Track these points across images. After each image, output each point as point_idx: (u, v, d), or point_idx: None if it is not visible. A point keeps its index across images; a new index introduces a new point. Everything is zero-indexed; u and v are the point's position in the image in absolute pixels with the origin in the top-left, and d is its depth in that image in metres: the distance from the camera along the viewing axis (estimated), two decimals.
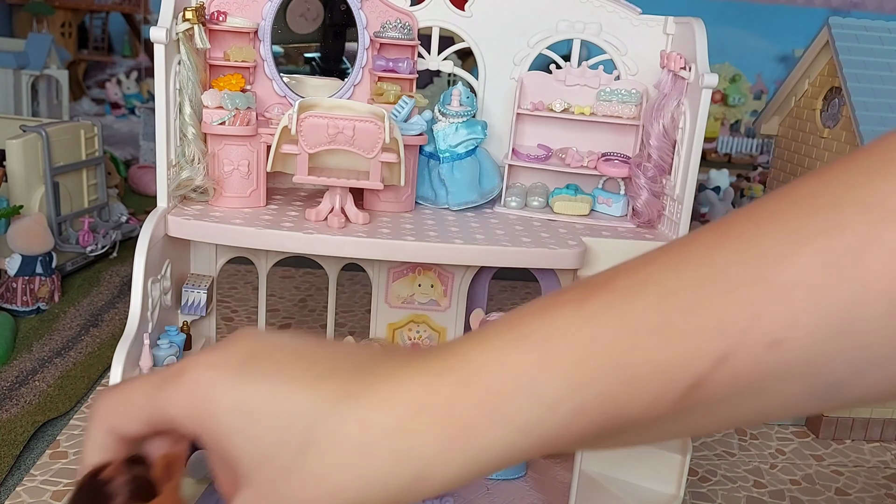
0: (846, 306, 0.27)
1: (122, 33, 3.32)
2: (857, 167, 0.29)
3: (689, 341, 0.28)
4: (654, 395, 0.29)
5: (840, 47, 1.07)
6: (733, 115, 3.39)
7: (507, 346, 0.30)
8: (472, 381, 0.29)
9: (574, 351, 0.29)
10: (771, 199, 0.30)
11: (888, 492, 0.98)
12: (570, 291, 0.31)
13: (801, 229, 0.28)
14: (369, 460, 0.29)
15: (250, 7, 0.80)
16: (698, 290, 0.29)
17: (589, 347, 0.29)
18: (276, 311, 1.39)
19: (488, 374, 0.29)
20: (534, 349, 0.29)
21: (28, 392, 1.01)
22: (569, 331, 0.29)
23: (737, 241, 0.29)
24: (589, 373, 0.29)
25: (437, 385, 0.29)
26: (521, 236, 0.77)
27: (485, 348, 0.30)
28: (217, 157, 0.77)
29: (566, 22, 0.85)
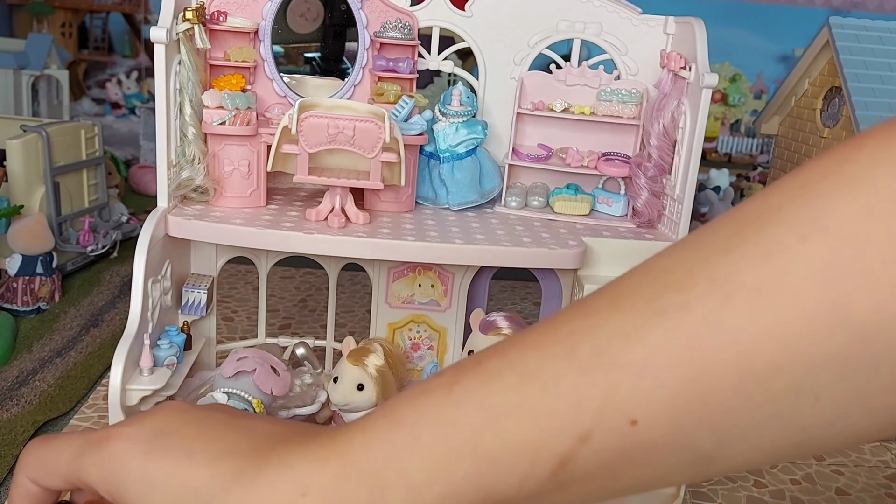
0: (696, 382, 0.27)
1: (123, 33, 3.32)
2: (709, 240, 0.29)
3: (548, 421, 0.29)
4: (522, 474, 0.30)
5: (840, 47, 1.07)
6: (733, 114, 3.39)
7: (384, 431, 0.31)
8: (351, 466, 0.31)
9: (439, 435, 0.30)
10: (633, 272, 0.32)
11: (888, 491, 0.98)
12: (444, 376, 0.32)
13: (651, 307, 0.28)
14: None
15: (250, 7, 0.80)
16: (556, 370, 0.29)
17: (452, 431, 0.30)
18: (276, 311, 1.39)
19: (366, 459, 0.31)
20: (406, 434, 0.31)
21: (28, 392, 1.01)
22: (435, 415, 0.31)
23: (594, 318, 0.30)
24: (454, 455, 0.30)
25: (320, 470, 0.31)
26: (521, 236, 0.77)
27: (365, 433, 0.31)
28: (217, 157, 0.77)
29: (566, 22, 0.85)
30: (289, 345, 0.91)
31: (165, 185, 0.75)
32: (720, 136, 3.23)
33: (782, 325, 0.26)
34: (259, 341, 0.92)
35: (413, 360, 0.92)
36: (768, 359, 0.27)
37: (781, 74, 3.31)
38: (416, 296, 0.90)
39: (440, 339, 0.91)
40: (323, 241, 0.72)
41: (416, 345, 0.91)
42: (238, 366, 0.75)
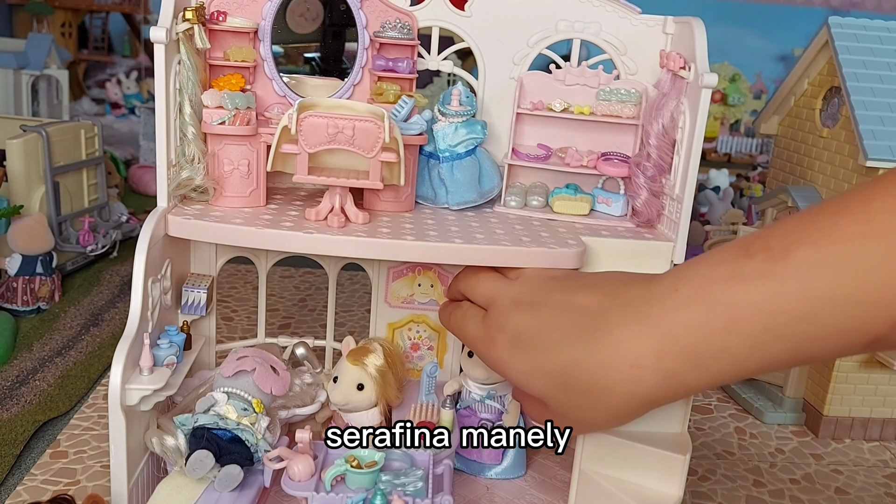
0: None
1: (122, 33, 3.32)
2: None
3: (867, 309, 0.35)
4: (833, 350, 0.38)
5: (839, 47, 1.07)
6: (733, 114, 3.39)
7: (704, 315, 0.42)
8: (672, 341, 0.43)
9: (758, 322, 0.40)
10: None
11: (888, 491, 0.98)
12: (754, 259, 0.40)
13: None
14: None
15: (250, 7, 0.80)
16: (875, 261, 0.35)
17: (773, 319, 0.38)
18: (275, 310, 1.39)
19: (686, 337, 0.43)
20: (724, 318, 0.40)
21: (28, 391, 1.01)
22: (753, 302, 0.40)
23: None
24: (772, 337, 0.39)
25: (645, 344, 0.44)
26: (520, 236, 0.77)
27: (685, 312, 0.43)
28: (217, 156, 0.78)
29: (566, 22, 0.85)
30: (288, 344, 0.91)
31: (165, 184, 0.75)
32: (720, 135, 3.23)
33: None
34: (259, 341, 0.92)
35: (413, 360, 0.92)
36: None
37: (781, 74, 3.31)
38: (415, 295, 0.90)
39: (440, 339, 0.91)
40: (322, 241, 0.72)
41: (415, 345, 0.91)
42: (238, 365, 0.76)
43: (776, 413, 1.13)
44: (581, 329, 0.48)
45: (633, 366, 0.44)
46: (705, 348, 0.41)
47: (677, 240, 0.78)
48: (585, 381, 0.47)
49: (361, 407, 0.81)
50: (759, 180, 2.38)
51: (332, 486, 0.70)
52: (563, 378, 0.48)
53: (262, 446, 0.73)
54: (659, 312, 0.43)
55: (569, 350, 0.48)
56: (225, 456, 0.71)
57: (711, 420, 1.13)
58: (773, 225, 0.41)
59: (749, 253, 0.40)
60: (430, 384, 0.83)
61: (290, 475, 0.71)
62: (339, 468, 0.70)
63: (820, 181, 1.13)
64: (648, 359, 0.43)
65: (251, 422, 0.72)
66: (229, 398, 0.73)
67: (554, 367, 0.49)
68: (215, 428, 0.72)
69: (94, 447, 0.93)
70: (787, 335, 0.38)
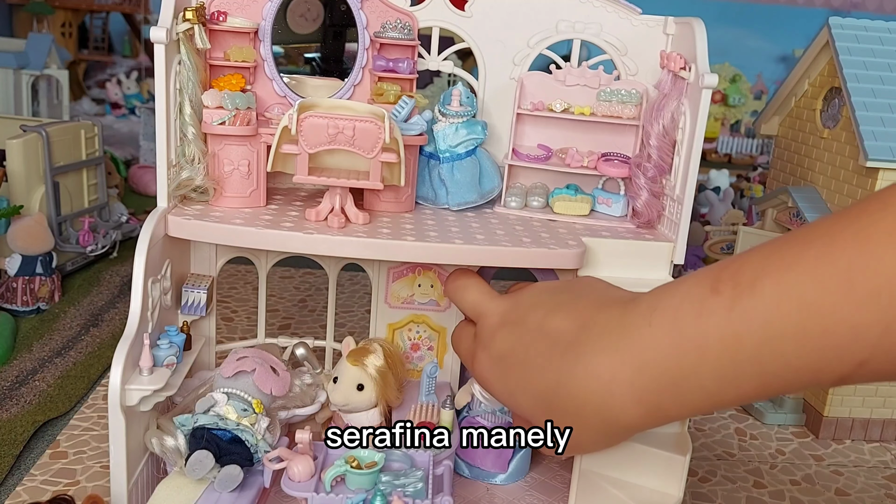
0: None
1: (122, 33, 3.32)
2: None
3: (830, 352, 0.35)
4: (800, 386, 0.38)
5: (840, 47, 1.07)
6: (733, 115, 3.39)
7: (668, 348, 0.43)
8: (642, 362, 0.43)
9: (725, 353, 0.40)
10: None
11: (888, 492, 0.98)
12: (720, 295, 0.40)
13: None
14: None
15: (250, 7, 0.80)
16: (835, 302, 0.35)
17: (737, 353, 0.39)
18: (275, 311, 1.39)
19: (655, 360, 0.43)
20: (693, 351, 0.41)
21: (28, 392, 1.01)
22: (718, 334, 0.40)
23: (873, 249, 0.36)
24: (739, 373, 0.40)
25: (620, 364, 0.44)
26: (521, 236, 0.77)
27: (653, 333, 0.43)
28: (217, 157, 0.78)
29: (566, 22, 0.85)
30: (288, 345, 0.91)
31: (165, 185, 0.75)
32: (720, 136, 3.23)
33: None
34: (259, 341, 0.92)
35: (413, 360, 0.92)
36: None
37: (781, 75, 3.31)
38: (415, 296, 0.90)
39: (440, 340, 0.91)
40: (322, 242, 0.72)
41: (415, 345, 0.91)
42: (237, 366, 0.75)
43: (776, 414, 1.13)
44: (560, 355, 0.48)
45: (612, 394, 0.44)
46: (681, 381, 0.41)
47: (677, 240, 0.78)
48: (566, 406, 0.47)
49: (361, 407, 0.81)
50: (760, 181, 2.38)
51: (332, 486, 0.70)
52: (546, 400, 0.49)
53: (261, 447, 0.73)
54: (634, 344, 0.44)
55: (550, 374, 0.48)
56: (225, 456, 0.71)
57: (712, 421, 1.13)
58: (745, 254, 0.41)
59: (717, 288, 0.40)
60: (430, 384, 0.83)
61: (289, 476, 0.70)
62: (339, 469, 0.70)
63: (820, 182, 1.13)
64: (625, 388, 0.44)
65: (251, 422, 0.72)
66: (229, 399, 0.73)
67: (536, 390, 0.50)
68: (215, 428, 0.72)
69: (93, 447, 0.93)
70: (755, 371, 0.38)
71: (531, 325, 0.52)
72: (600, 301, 0.50)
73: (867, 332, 0.34)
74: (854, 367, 0.35)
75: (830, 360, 0.36)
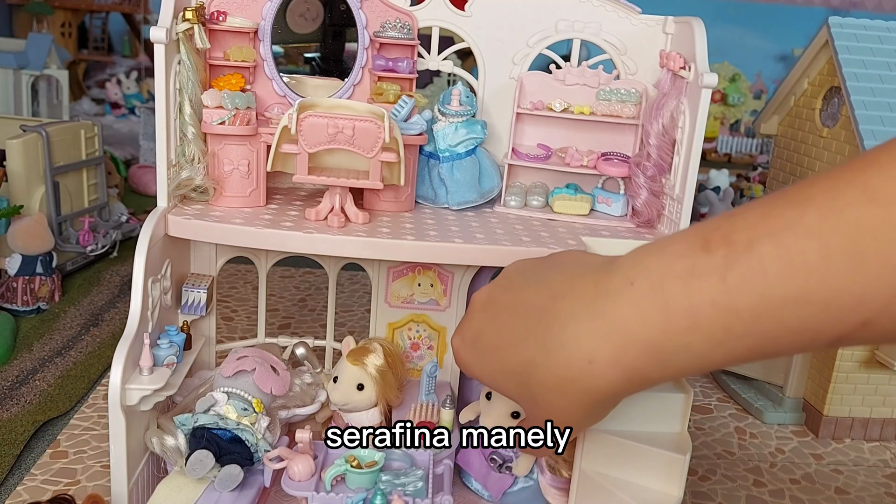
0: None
1: (122, 33, 3.32)
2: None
3: (832, 312, 0.34)
4: (799, 347, 0.36)
5: (839, 47, 1.07)
6: (733, 114, 3.39)
7: (652, 309, 0.39)
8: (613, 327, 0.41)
9: (718, 321, 0.37)
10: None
11: (888, 491, 0.98)
12: (713, 256, 0.37)
13: None
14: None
15: (250, 7, 0.80)
16: (842, 268, 0.33)
17: (734, 320, 0.37)
18: (275, 310, 1.39)
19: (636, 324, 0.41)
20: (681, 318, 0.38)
21: (28, 391, 1.01)
22: (710, 299, 0.37)
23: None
24: (733, 336, 0.38)
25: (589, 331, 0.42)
26: (520, 236, 0.77)
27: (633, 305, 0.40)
28: (217, 156, 0.78)
29: (565, 21, 0.85)
30: (288, 344, 0.91)
31: (165, 184, 0.75)
32: (720, 136, 3.23)
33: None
34: (259, 341, 0.92)
35: (413, 359, 0.92)
36: None
37: (781, 74, 3.31)
38: (415, 295, 0.90)
39: (440, 339, 0.91)
40: (322, 241, 0.72)
41: (415, 344, 0.91)
42: (238, 365, 0.76)
43: (776, 413, 1.13)
44: (533, 329, 0.46)
45: (591, 362, 0.42)
46: (665, 345, 0.39)
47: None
48: (545, 380, 0.45)
49: (361, 407, 0.81)
50: (760, 180, 2.38)
51: (332, 486, 0.70)
52: (524, 377, 0.47)
53: (262, 446, 0.73)
54: (613, 308, 0.41)
55: (525, 350, 0.47)
56: (225, 456, 0.71)
57: (711, 420, 1.13)
58: (735, 213, 0.38)
59: (709, 247, 0.37)
60: (430, 384, 0.83)
61: (290, 475, 0.71)
62: (339, 468, 0.70)
63: None
64: (605, 355, 0.41)
65: (251, 422, 0.72)
66: (229, 398, 0.73)
67: (513, 368, 0.48)
68: (215, 428, 0.72)
69: (94, 447, 0.93)
70: (749, 333, 0.36)
71: (503, 304, 0.50)
72: (573, 270, 0.47)
73: (875, 296, 0.32)
74: (856, 328, 0.34)
75: (832, 323, 0.34)
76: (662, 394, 0.69)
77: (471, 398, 0.94)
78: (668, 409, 0.69)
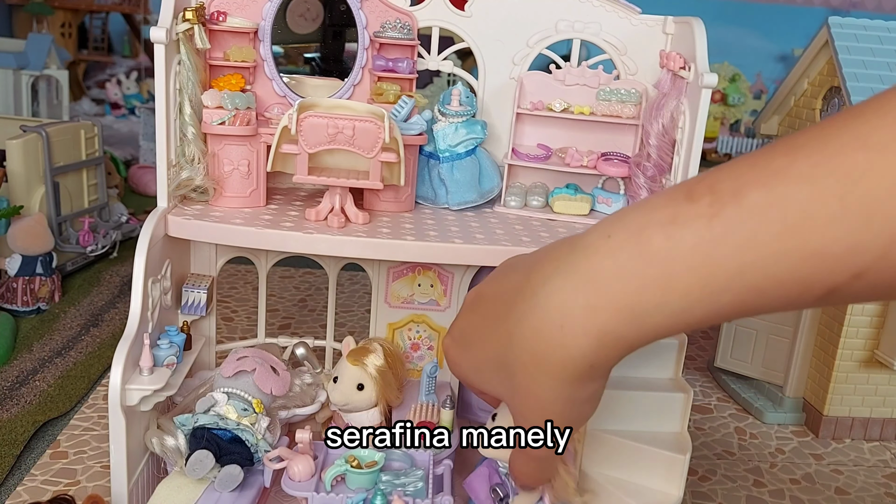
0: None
1: (122, 33, 3.32)
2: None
3: (825, 262, 0.32)
4: (787, 301, 0.34)
5: (839, 47, 1.07)
6: (733, 114, 3.39)
7: (631, 260, 0.36)
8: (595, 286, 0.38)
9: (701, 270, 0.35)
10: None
11: (888, 491, 0.98)
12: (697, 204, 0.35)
13: None
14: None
15: (250, 7, 0.80)
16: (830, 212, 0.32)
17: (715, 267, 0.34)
18: (275, 310, 1.39)
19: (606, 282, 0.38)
20: (658, 267, 0.36)
21: (28, 392, 1.01)
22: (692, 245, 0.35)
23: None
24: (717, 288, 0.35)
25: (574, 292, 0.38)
26: (520, 236, 0.77)
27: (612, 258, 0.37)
28: (217, 156, 0.78)
29: (565, 22, 0.85)
30: (288, 345, 0.91)
31: (165, 185, 0.75)
32: (720, 136, 3.23)
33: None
34: (259, 341, 0.92)
35: (413, 360, 0.92)
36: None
37: (781, 74, 3.31)
38: (415, 295, 0.90)
39: (440, 339, 0.91)
40: (322, 241, 0.72)
41: (415, 345, 0.91)
42: (238, 365, 0.76)
43: (776, 413, 1.13)
44: (510, 305, 0.43)
45: (563, 326, 0.39)
46: (641, 301, 0.36)
47: None
48: (521, 357, 0.42)
49: (361, 407, 0.81)
50: None
51: (333, 486, 0.70)
52: (503, 362, 0.44)
53: (262, 446, 0.73)
54: (587, 262, 0.38)
55: (502, 327, 0.44)
56: (225, 456, 0.71)
57: (711, 420, 1.13)
58: (722, 167, 0.36)
59: (692, 196, 0.35)
60: (430, 384, 0.83)
61: (290, 475, 0.70)
62: (340, 468, 0.70)
63: None
64: (578, 316, 0.38)
65: (251, 422, 0.72)
66: (229, 398, 0.73)
67: (493, 351, 0.46)
68: (215, 428, 0.72)
69: (94, 447, 0.93)
70: (733, 287, 0.34)
71: (488, 296, 0.49)
72: (555, 243, 0.44)
73: (869, 245, 0.31)
74: (848, 280, 0.32)
75: (823, 274, 0.32)
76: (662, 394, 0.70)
77: (471, 398, 0.95)
78: (668, 409, 0.69)
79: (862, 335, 1.05)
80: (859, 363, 1.06)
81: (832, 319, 1.07)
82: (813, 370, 1.11)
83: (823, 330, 1.09)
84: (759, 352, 1.17)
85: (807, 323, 1.10)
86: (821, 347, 1.09)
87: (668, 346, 0.79)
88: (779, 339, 1.14)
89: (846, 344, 1.05)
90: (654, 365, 0.78)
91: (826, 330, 1.08)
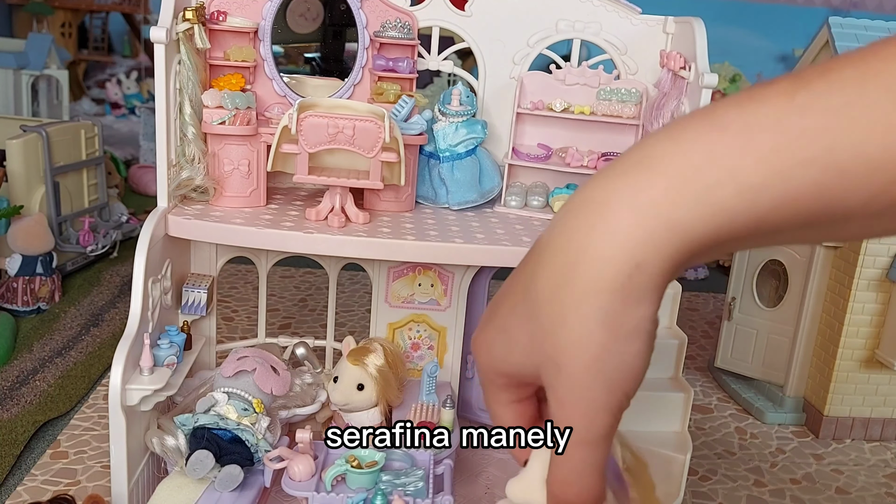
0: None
1: (122, 33, 3.32)
2: None
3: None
4: (874, 191, 0.29)
5: (840, 47, 1.07)
6: None
7: (703, 135, 0.30)
8: (665, 175, 0.30)
9: (780, 141, 0.29)
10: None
11: (888, 490, 0.98)
12: (778, 83, 0.30)
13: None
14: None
15: (250, 7, 0.80)
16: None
17: (797, 139, 0.29)
18: (276, 310, 1.39)
19: (683, 164, 0.30)
20: (734, 138, 0.30)
21: (29, 392, 1.01)
22: (774, 120, 0.29)
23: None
24: (797, 163, 0.29)
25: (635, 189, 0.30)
26: (521, 236, 0.77)
27: (677, 142, 0.31)
28: (217, 156, 0.78)
29: (566, 21, 0.85)
30: (289, 344, 0.91)
31: (165, 184, 0.75)
32: None
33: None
34: (259, 341, 0.92)
35: (413, 359, 0.92)
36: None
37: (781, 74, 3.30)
38: (416, 295, 0.90)
39: (440, 339, 0.91)
40: (323, 241, 0.72)
41: (416, 344, 0.91)
42: (238, 365, 0.76)
43: (777, 413, 1.13)
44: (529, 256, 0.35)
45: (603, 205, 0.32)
46: (705, 174, 0.30)
47: None
48: (548, 272, 0.34)
49: (362, 407, 0.81)
50: None
51: (333, 486, 0.70)
52: (528, 299, 0.35)
53: (262, 446, 0.73)
54: (636, 147, 0.32)
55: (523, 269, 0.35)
56: (225, 456, 0.71)
57: (712, 420, 1.13)
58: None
59: (766, 84, 0.31)
60: (430, 384, 0.83)
61: (290, 475, 0.70)
62: (340, 468, 0.70)
63: None
64: (623, 193, 0.31)
65: (251, 422, 0.72)
66: (230, 398, 0.73)
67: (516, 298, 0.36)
68: (216, 428, 0.72)
69: (94, 447, 0.93)
70: (818, 161, 0.30)
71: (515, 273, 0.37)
72: None
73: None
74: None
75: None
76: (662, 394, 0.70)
77: (471, 398, 0.95)
78: (668, 409, 0.69)
79: (862, 335, 1.05)
80: (860, 363, 1.06)
81: (833, 319, 1.07)
82: (813, 370, 1.11)
83: (824, 330, 1.09)
84: (760, 352, 1.17)
85: (807, 323, 1.10)
86: (821, 347, 1.09)
87: (668, 346, 0.79)
88: (779, 339, 1.14)
89: (846, 344, 1.05)
90: (654, 365, 0.77)
91: (826, 330, 1.08)
